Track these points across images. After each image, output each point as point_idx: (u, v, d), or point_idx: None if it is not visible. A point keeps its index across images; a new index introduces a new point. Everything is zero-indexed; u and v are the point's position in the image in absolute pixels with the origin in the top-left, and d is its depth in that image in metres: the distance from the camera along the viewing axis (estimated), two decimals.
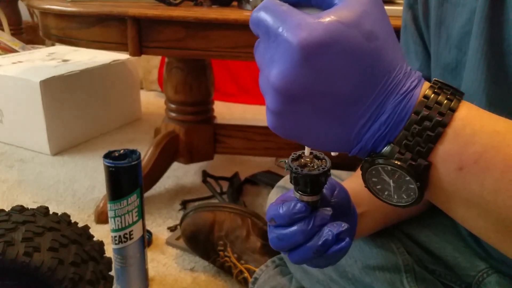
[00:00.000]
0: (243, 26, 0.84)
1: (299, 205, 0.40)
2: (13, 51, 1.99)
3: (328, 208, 0.41)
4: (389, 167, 0.31)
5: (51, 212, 0.74)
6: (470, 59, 0.45)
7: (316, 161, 0.40)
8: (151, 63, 2.20)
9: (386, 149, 0.31)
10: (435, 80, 0.32)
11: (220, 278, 0.92)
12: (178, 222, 1.06)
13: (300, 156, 0.41)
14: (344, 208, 0.45)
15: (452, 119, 0.30)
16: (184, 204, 1.19)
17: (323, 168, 0.39)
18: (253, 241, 0.89)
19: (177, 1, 0.92)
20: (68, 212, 0.77)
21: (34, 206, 0.74)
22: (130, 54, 0.89)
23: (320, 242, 0.39)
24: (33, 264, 0.64)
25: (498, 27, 0.42)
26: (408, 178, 0.31)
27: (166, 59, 1.25)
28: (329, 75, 0.29)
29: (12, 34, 2.22)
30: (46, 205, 0.75)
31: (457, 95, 0.31)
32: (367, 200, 0.52)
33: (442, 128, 0.30)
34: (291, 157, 0.40)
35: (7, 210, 0.72)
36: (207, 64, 1.23)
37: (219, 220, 0.91)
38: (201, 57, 1.17)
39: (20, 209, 0.71)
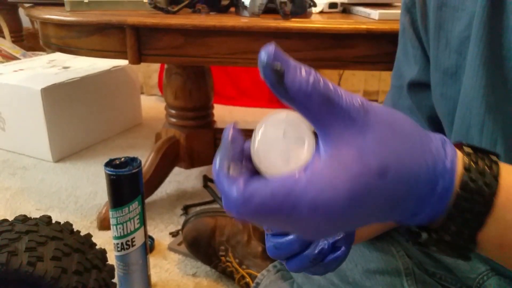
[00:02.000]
0: (240, 33, 0.85)
1: None
2: (14, 58, 2.00)
3: None
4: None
5: (53, 221, 0.74)
6: (469, 64, 0.45)
7: None
8: (151, 68, 2.21)
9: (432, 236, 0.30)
10: (464, 145, 0.30)
11: (222, 283, 0.92)
12: (180, 227, 1.06)
13: None
14: None
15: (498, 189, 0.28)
16: (186, 209, 1.19)
17: None
18: (254, 246, 0.89)
19: (175, 9, 0.92)
20: (70, 219, 0.77)
21: (37, 213, 0.75)
22: (130, 62, 0.89)
23: (316, 251, 0.39)
24: (37, 273, 0.64)
25: (497, 32, 0.42)
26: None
27: (165, 65, 1.26)
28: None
29: (13, 41, 2.23)
30: (49, 212, 0.76)
31: (492, 159, 0.29)
32: None
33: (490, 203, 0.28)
34: None
35: (10, 218, 0.73)
36: (206, 69, 1.23)
37: (221, 225, 0.92)
38: (200, 64, 1.18)
39: (23, 219, 0.72)
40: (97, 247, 0.79)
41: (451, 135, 0.52)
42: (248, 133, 0.30)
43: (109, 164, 0.75)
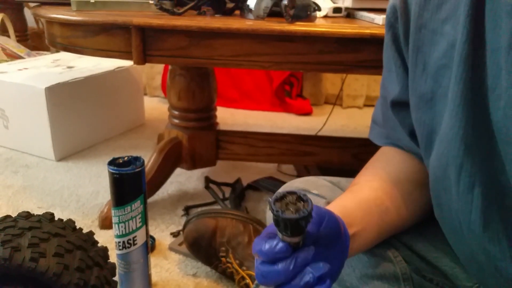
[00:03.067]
0: (245, 35, 0.85)
1: (280, 245, 0.40)
2: (18, 57, 2.01)
3: (311, 247, 0.41)
4: None
5: (56, 218, 0.75)
6: (449, 104, 0.44)
7: (299, 203, 0.40)
8: (154, 69, 2.22)
9: None
10: None
11: (222, 284, 0.93)
12: (181, 227, 1.07)
13: (284, 196, 0.40)
14: (332, 237, 0.45)
15: None
16: (187, 209, 1.20)
17: (303, 213, 0.38)
18: None
19: (181, 10, 0.93)
20: (72, 218, 0.78)
21: (39, 211, 0.75)
22: (135, 63, 0.90)
23: (302, 283, 0.40)
24: (39, 269, 0.65)
25: (478, 69, 0.41)
26: None
27: (169, 67, 1.26)
28: None
29: (18, 41, 2.24)
30: (51, 210, 0.76)
31: None
32: (360, 220, 0.52)
33: None
34: (274, 197, 0.40)
35: (13, 215, 0.74)
36: (210, 71, 1.24)
37: (221, 226, 0.93)
38: (204, 66, 1.19)
39: (26, 215, 0.73)
40: (99, 245, 0.79)
41: (428, 161, 0.52)
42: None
43: (112, 162, 0.75)
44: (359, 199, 0.56)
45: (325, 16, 1.00)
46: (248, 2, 0.91)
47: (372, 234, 0.55)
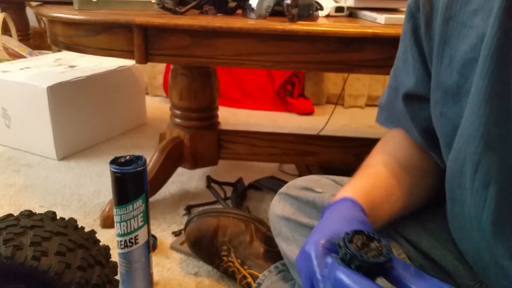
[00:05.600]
0: (247, 35, 0.85)
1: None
2: (20, 56, 2.01)
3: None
4: None
5: (58, 217, 0.75)
6: (472, 99, 0.43)
7: (372, 243, 0.38)
8: (156, 69, 2.22)
9: None
10: None
11: (223, 283, 0.93)
12: (182, 227, 1.07)
13: (352, 238, 0.38)
14: None
15: None
16: (189, 209, 1.20)
17: (387, 254, 0.36)
18: (256, 247, 0.90)
19: (183, 9, 0.93)
20: (74, 217, 0.78)
21: (41, 210, 0.75)
22: (137, 62, 0.90)
23: None
24: (41, 268, 0.65)
25: (507, 65, 0.40)
26: None
27: (171, 66, 1.26)
28: None
29: (20, 40, 2.25)
30: (53, 209, 0.76)
31: None
32: (381, 212, 0.55)
33: None
34: (345, 238, 0.38)
35: (14, 214, 0.74)
36: (211, 71, 1.24)
37: (223, 226, 0.92)
38: (206, 65, 1.19)
39: (28, 214, 0.73)
40: (101, 244, 0.79)
41: (447, 156, 0.51)
42: None
43: (114, 162, 0.76)
44: (378, 186, 0.57)
45: (327, 16, 1.00)
46: (250, 1, 0.91)
47: (382, 223, 0.57)
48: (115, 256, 0.80)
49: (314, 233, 0.45)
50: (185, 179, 1.37)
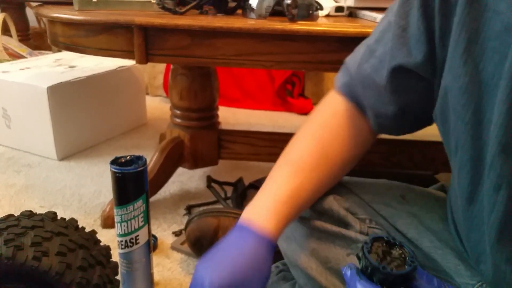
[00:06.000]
0: (247, 35, 0.85)
1: None
2: (20, 57, 2.01)
3: None
4: None
5: (58, 217, 0.75)
6: (499, 95, 0.40)
7: (394, 250, 0.35)
8: (156, 68, 2.22)
9: None
10: None
11: None
12: (183, 226, 1.07)
13: (371, 247, 0.36)
14: None
15: None
16: (189, 209, 1.20)
17: (412, 262, 0.34)
18: None
19: (183, 9, 0.93)
20: (74, 217, 0.78)
21: (41, 210, 0.75)
22: (137, 62, 0.90)
23: None
24: (42, 268, 0.65)
25: None
26: None
27: (171, 66, 1.26)
28: None
29: (20, 40, 2.25)
30: (53, 209, 0.76)
31: None
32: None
33: None
34: (363, 248, 0.35)
35: (15, 214, 0.74)
36: (211, 71, 1.24)
37: (223, 226, 0.92)
38: (206, 65, 1.19)
39: (29, 214, 0.73)
40: (101, 244, 0.79)
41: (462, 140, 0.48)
42: None
43: (114, 162, 0.76)
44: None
45: (327, 15, 1.00)
46: (250, 1, 0.91)
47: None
48: (115, 256, 0.80)
49: (214, 269, 0.52)
50: (186, 179, 1.37)
